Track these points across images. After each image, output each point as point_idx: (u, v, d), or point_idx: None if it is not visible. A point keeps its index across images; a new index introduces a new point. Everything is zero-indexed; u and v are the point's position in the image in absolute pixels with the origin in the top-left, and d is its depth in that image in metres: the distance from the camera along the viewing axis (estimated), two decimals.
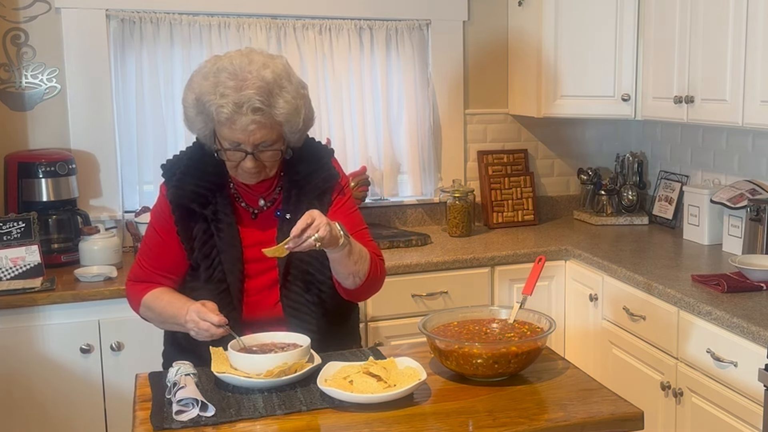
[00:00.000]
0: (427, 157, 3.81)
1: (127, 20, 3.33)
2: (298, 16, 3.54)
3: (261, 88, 1.89)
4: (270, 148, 1.96)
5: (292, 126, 1.97)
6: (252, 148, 1.93)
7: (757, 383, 2.23)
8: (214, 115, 1.90)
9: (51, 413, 2.81)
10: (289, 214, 2.02)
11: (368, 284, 2.05)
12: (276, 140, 1.96)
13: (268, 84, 1.90)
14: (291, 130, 1.98)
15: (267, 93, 1.90)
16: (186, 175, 2.05)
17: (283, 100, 1.93)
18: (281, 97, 1.92)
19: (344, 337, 2.21)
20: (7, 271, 2.89)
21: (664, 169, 3.86)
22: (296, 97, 1.96)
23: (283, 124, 1.95)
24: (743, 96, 2.76)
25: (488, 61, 3.91)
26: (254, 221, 2.08)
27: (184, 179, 2.04)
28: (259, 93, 1.88)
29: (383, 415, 1.70)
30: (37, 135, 3.30)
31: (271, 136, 1.94)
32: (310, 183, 2.07)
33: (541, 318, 2.02)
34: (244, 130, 1.90)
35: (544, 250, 3.33)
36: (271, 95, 1.91)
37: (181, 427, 1.66)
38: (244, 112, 1.87)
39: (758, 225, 2.99)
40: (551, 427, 1.68)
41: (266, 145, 1.95)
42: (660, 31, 3.24)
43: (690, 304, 2.56)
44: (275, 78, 1.92)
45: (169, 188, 2.06)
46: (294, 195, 2.06)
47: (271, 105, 1.91)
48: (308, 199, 2.04)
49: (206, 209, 2.03)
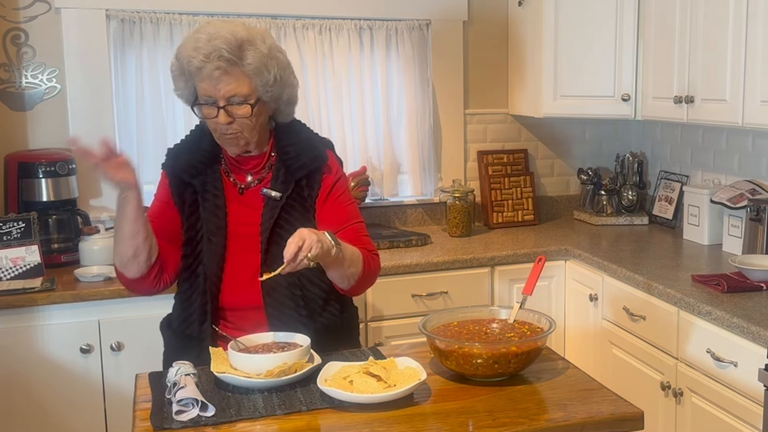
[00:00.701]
0: (427, 157, 3.81)
1: (127, 20, 3.33)
2: (298, 16, 3.54)
3: (230, 41, 1.95)
4: (242, 104, 1.99)
5: (264, 81, 2.00)
6: (223, 101, 1.97)
7: (757, 383, 2.23)
8: (186, 66, 1.98)
9: (51, 413, 2.81)
10: (275, 192, 2.05)
11: (361, 282, 2.07)
12: (247, 95, 1.99)
13: (239, 39, 1.96)
14: (264, 88, 2.01)
15: (236, 46, 1.95)
16: (182, 149, 2.15)
17: (252, 54, 1.97)
18: (250, 51, 1.97)
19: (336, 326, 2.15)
20: (7, 271, 2.89)
21: (664, 169, 3.86)
22: (268, 56, 2.00)
23: (253, 78, 1.98)
24: (743, 96, 2.76)
25: (488, 61, 3.91)
26: (241, 197, 2.11)
27: (180, 153, 2.14)
28: (227, 44, 1.94)
29: (383, 415, 1.70)
30: (37, 135, 3.31)
31: (241, 90, 1.98)
32: (298, 162, 2.08)
33: (541, 318, 2.02)
34: (210, 78, 1.96)
35: (544, 250, 3.33)
36: (241, 49, 1.96)
37: (181, 427, 1.66)
38: (211, 60, 1.94)
39: (758, 225, 2.99)
40: (551, 427, 1.68)
41: (237, 100, 1.98)
42: (660, 31, 3.24)
43: (690, 304, 2.56)
44: (248, 36, 1.98)
45: (166, 160, 2.16)
46: (282, 174, 2.08)
47: (239, 56, 1.96)
48: (296, 179, 2.07)
49: (195, 179, 2.10)
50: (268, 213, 2.06)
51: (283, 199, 2.06)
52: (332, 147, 2.21)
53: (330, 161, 2.14)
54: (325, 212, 2.10)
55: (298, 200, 2.08)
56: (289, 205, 2.07)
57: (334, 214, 2.09)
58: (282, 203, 2.06)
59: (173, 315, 2.19)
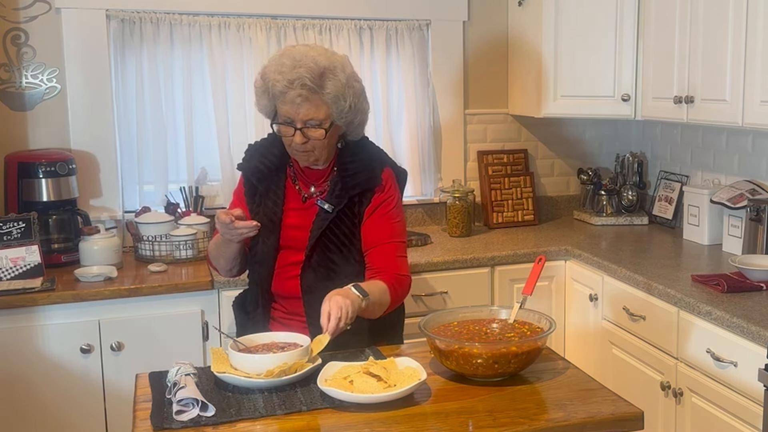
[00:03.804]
0: (427, 157, 3.81)
1: (127, 20, 3.33)
2: (298, 16, 3.54)
3: (312, 69, 2.10)
4: (317, 127, 2.14)
5: (339, 109, 2.15)
6: (300, 123, 2.13)
7: (757, 383, 2.23)
8: (270, 89, 2.14)
9: (51, 413, 2.81)
10: (328, 204, 2.20)
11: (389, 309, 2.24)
12: (323, 120, 2.14)
13: (320, 68, 2.11)
14: (339, 114, 2.16)
15: (318, 75, 2.10)
16: (256, 152, 2.33)
17: (332, 83, 2.12)
18: (330, 80, 2.12)
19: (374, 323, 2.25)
20: (7, 271, 2.89)
21: (664, 169, 3.86)
22: (346, 85, 2.15)
23: (330, 105, 2.13)
24: (743, 96, 2.76)
25: (488, 61, 3.91)
26: (303, 205, 2.28)
27: (253, 155, 2.33)
28: (309, 72, 2.09)
29: (383, 415, 1.70)
30: (37, 135, 3.31)
31: (318, 115, 2.13)
32: (354, 180, 2.24)
33: (541, 318, 2.02)
34: (293, 103, 2.11)
35: (544, 250, 3.33)
36: (322, 78, 2.11)
37: (181, 427, 1.67)
38: (294, 87, 2.09)
39: (758, 225, 2.99)
40: (551, 427, 1.68)
41: (314, 123, 2.14)
42: (660, 31, 3.24)
43: (690, 304, 2.56)
44: (329, 65, 2.13)
45: (243, 160, 2.35)
46: (338, 189, 2.23)
47: (320, 85, 2.11)
48: (349, 195, 2.22)
49: (261, 184, 2.29)
50: (318, 223, 2.22)
51: (335, 213, 2.20)
52: (392, 164, 2.35)
53: (384, 181, 2.27)
54: (370, 225, 2.24)
55: (349, 215, 2.23)
56: (339, 218, 2.22)
57: (377, 228, 2.24)
58: (333, 216, 2.21)
59: (244, 295, 2.41)
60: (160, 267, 3.04)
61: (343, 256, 2.22)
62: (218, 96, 3.44)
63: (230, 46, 3.44)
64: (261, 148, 2.33)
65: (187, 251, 3.16)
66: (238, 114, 3.47)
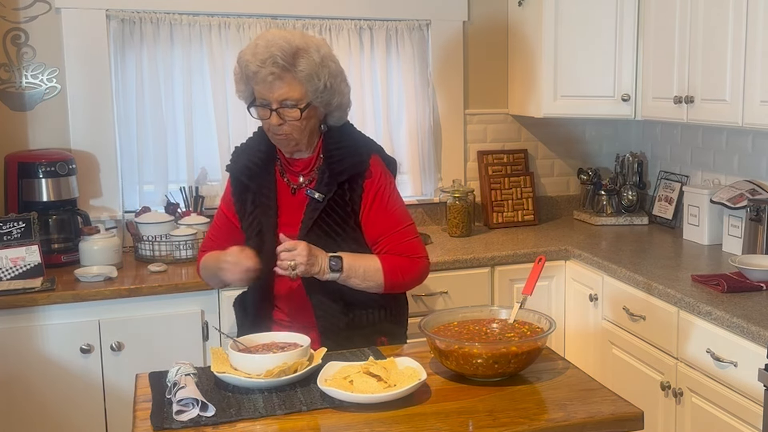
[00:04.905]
0: (427, 157, 3.81)
1: (127, 20, 3.33)
2: (298, 16, 3.54)
3: (284, 48, 2.08)
4: (293, 107, 2.12)
5: (314, 87, 2.12)
6: (276, 104, 2.12)
7: (757, 383, 2.23)
8: (244, 71, 2.13)
9: (51, 413, 2.81)
10: (318, 193, 2.18)
11: (391, 289, 2.24)
12: (299, 100, 2.12)
13: (293, 47, 2.10)
14: (314, 94, 2.13)
15: (291, 54, 2.09)
16: (243, 152, 2.32)
17: (305, 61, 2.10)
18: (303, 58, 2.10)
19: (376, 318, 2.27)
20: (7, 271, 2.89)
21: (664, 169, 3.86)
22: (320, 64, 2.12)
23: (304, 84, 2.11)
24: (743, 96, 2.76)
25: (488, 61, 3.91)
26: (293, 197, 2.26)
27: (240, 156, 2.31)
28: (281, 51, 2.08)
29: (383, 415, 1.70)
30: (37, 135, 3.30)
31: (293, 94, 2.11)
32: (341, 166, 2.21)
33: (541, 318, 2.02)
34: (265, 82, 2.10)
35: (544, 250, 3.33)
36: (295, 56, 2.09)
37: (181, 427, 1.66)
38: (266, 65, 2.08)
39: (758, 225, 2.99)
40: (551, 427, 1.68)
41: (289, 104, 2.12)
42: (660, 31, 3.24)
43: (690, 304, 2.56)
44: (303, 45, 2.11)
45: (230, 162, 2.33)
46: (326, 177, 2.20)
47: (292, 64, 2.09)
48: (338, 182, 2.19)
49: (252, 182, 2.26)
50: (309, 213, 2.20)
51: (325, 202, 2.19)
52: (380, 150, 2.32)
53: (372, 167, 2.24)
54: (371, 219, 2.23)
55: (340, 204, 2.21)
56: (330, 207, 2.20)
57: (380, 221, 2.23)
58: (323, 205, 2.19)
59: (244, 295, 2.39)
60: (160, 267, 3.04)
61: (336, 244, 2.19)
62: (218, 96, 3.44)
63: (230, 46, 3.43)
64: (248, 148, 2.32)
65: (187, 251, 3.16)
66: (238, 114, 3.46)
